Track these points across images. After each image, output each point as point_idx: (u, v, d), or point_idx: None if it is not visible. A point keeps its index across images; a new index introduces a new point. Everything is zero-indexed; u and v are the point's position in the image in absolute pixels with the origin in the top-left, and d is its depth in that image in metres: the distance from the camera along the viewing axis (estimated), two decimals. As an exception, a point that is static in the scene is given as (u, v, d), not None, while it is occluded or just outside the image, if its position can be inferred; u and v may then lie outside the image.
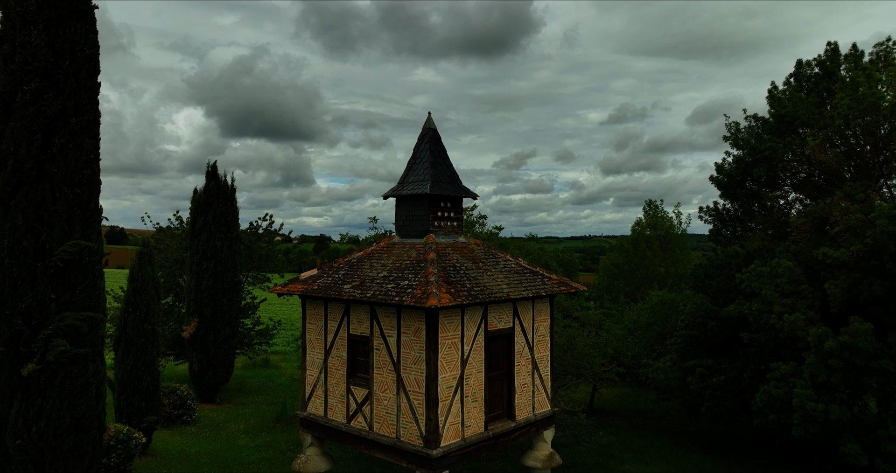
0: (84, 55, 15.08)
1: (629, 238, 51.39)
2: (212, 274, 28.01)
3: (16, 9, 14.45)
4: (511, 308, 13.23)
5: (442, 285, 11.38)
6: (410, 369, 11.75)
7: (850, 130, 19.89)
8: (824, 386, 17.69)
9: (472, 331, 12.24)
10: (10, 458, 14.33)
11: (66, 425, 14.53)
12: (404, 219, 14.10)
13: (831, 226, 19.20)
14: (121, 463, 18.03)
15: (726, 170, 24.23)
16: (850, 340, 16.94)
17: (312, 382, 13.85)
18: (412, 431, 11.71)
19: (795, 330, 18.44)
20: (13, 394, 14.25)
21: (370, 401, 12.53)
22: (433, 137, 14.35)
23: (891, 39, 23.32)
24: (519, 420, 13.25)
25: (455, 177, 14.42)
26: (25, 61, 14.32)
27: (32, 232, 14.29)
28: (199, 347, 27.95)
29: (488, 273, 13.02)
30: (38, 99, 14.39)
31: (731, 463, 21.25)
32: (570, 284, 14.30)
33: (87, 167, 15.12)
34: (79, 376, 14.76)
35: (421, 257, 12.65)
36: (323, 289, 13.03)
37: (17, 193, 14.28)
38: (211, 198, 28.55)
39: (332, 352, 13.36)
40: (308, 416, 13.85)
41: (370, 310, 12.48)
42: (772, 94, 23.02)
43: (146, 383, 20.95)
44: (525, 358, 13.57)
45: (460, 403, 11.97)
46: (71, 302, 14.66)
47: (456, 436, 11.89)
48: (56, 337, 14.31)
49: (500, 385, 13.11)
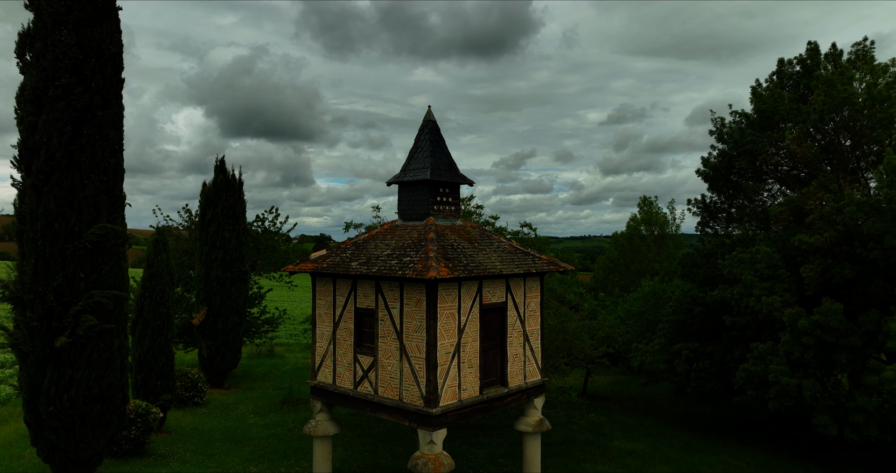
0: (109, 53, 16.24)
1: (624, 233, 52.73)
2: (220, 264, 29.19)
3: (47, 10, 15.60)
4: (504, 284, 14.44)
5: (441, 260, 12.58)
6: (412, 337, 12.95)
7: (826, 125, 21.10)
8: (798, 363, 18.90)
9: (468, 304, 13.46)
10: (43, 424, 15.53)
11: (94, 394, 15.72)
12: (406, 203, 15.33)
13: (807, 215, 20.42)
14: (140, 436, 19.22)
15: (712, 163, 25.43)
16: (822, 319, 18.16)
17: (322, 353, 15.08)
18: (414, 393, 12.92)
19: (773, 311, 19.65)
20: (46, 365, 15.43)
21: (375, 368, 13.75)
22: (433, 129, 15.59)
23: (867, 39, 24.56)
24: (511, 387, 14.47)
25: (453, 165, 15.65)
26: (56, 59, 15.46)
27: (63, 216, 15.45)
28: (209, 334, 29.13)
29: (483, 252, 14.24)
30: (68, 93, 15.53)
31: (715, 440, 22.44)
32: (559, 264, 15.53)
33: (112, 156, 16.31)
34: (105, 349, 15.95)
35: (422, 237, 13.87)
36: (332, 267, 14.25)
37: (49, 180, 15.43)
38: (220, 191, 29.71)
39: (340, 325, 14.58)
40: (318, 384, 15.08)
41: (375, 285, 13.70)
42: (754, 91, 24.25)
43: (161, 363, 22.16)
44: (517, 330, 14.79)
45: (457, 368, 13.17)
46: (98, 281, 15.83)
47: (453, 398, 13.10)
48: (85, 313, 15.48)
49: (494, 354, 14.31)
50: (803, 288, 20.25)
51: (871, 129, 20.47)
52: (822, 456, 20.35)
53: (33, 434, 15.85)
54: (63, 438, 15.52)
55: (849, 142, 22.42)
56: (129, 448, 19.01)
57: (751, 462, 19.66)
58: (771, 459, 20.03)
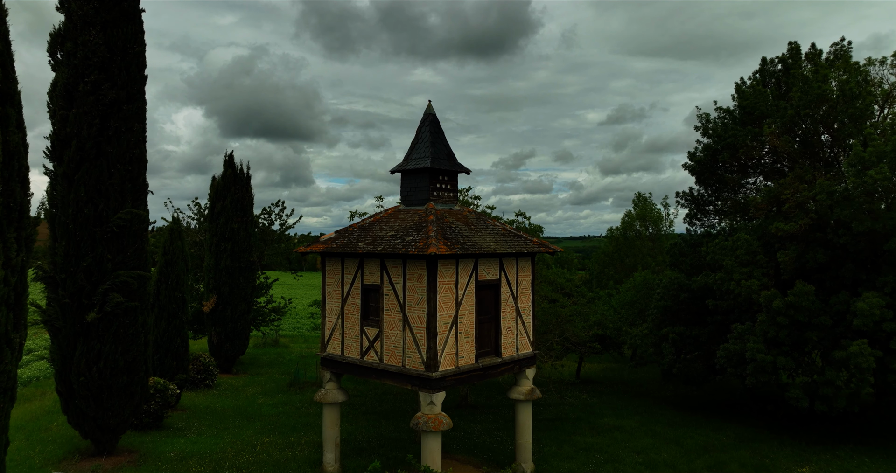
0: (134, 52, 17.54)
1: (619, 229, 54.08)
2: (229, 254, 30.50)
3: (78, 12, 16.90)
4: (498, 263, 15.73)
5: (440, 239, 13.87)
6: (414, 308, 14.24)
7: (802, 120, 22.44)
8: (773, 342, 20.21)
9: (465, 279, 14.74)
10: (74, 393, 16.84)
11: (120, 367, 17.04)
12: (408, 189, 16.64)
13: (784, 204, 21.75)
14: (158, 410, 20.54)
15: (697, 157, 26.74)
16: (795, 300, 19.50)
17: (331, 327, 16.38)
18: (416, 359, 14.22)
19: (751, 294, 20.97)
20: (77, 340, 16.76)
21: (380, 338, 15.04)
22: (433, 121, 16.89)
23: (845, 39, 25.86)
24: (504, 358, 15.76)
25: (451, 155, 16.94)
26: (86, 57, 16.75)
27: (92, 202, 16.76)
28: (218, 321, 30.45)
29: (479, 233, 15.53)
30: (97, 89, 16.83)
31: (699, 417, 23.75)
32: (549, 246, 16.83)
33: (136, 147, 17.62)
34: (130, 325, 17.27)
35: (423, 220, 15.16)
36: (340, 247, 15.55)
37: (79, 169, 16.73)
38: (228, 184, 31.01)
39: (347, 301, 15.88)
40: (327, 356, 16.38)
41: (380, 263, 14.99)
42: (738, 88, 25.57)
43: (177, 344, 23.50)
44: (510, 306, 16.08)
45: (455, 338, 14.46)
46: (123, 262, 17.15)
47: (451, 364, 14.39)
48: (112, 292, 16.80)
49: (489, 327, 15.59)
50: (780, 273, 21.57)
51: (843, 124, 21.81)
52: (797, 429, 21.68)
53: (64, 403, 17.16)
54: (92, 406, 16.85)
55: (826, 136, 23.77)
56: (149, 422, 20.30)
57: (730, 435, 20.98)
58: (749, 432, 21.35)
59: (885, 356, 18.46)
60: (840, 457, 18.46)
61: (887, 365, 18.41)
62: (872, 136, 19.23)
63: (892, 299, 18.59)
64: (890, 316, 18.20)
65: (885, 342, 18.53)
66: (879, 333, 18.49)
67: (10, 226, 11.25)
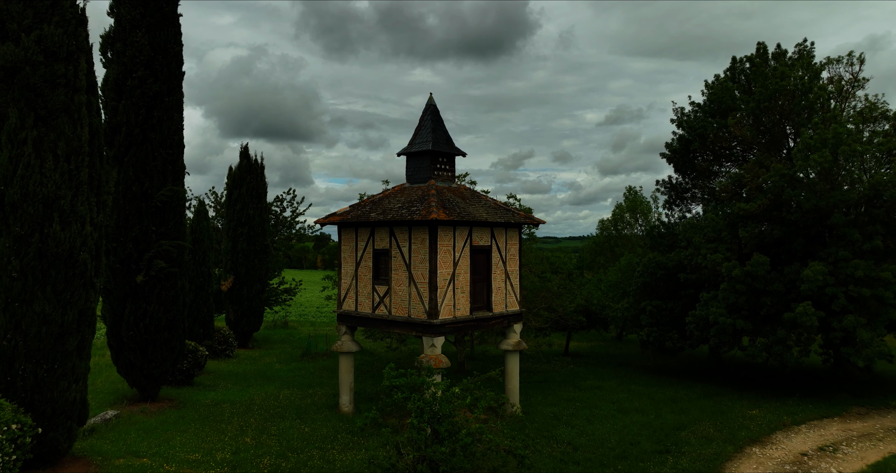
0: (173, 51, 20.17)
1: (609, 220, 56.78)
2: (245, 238, 33.16)
3: (126, 17, 19.54)
4: (489, 231, 18.37)
5: (440, 208, 16.49)
6: (418, 267, 16.86)
7: (762, 112, 25.12)
8: (734, 307, 22.89)
9: (461, 243, 17.37)
10: (123, 346, 19.48)
11: (163, 324, 19.66)
12: (412, 169, 19.28)
13: (744, 187, 24.44)
14: (190, 369, 23.16)
15: (673, 147, 29.42)
16: (752, 269, 22.16)
17: (346, 287, 19.03)
18: (419, 310, 16.85)
19: (716, 266, 23.65)
20: (126, 300, 19.38)
21: (389, 294, 17.69)
22: (434, 111, 19.51)
23: (807, 40, 28.53)
24: (495, 312, 18.40)
25: (450, 140, 19.55)
26: (134, 56, 19.39)
27: (139, 181, 19.40)
28: (235, 299, 33.10)
29: (473, 206, 18.16)
30: (143, 83, 19.47)
31: (673, 380, 26.39)
32: (534, 219, 19.49)
33: (176, 134, 20.25)
34: (171, 288, 19.90)
35: (425, 194, 17.80)
36: (354, 218, 18.18)
37: (128, 152, 19.37)
38: (244, 174, 33.67)
39: (361, 264, 18.52)
40: (343, 312, 19.05)
41: (389, 230, 17.64)
42: (707, 84, 28.25)
43: (203, 314, 26.14)
44: (500, 269, 18.71)
45: (452, 292, 17.08)
46: (165, 233, 19.78)
47: (449, 314, 17.02)
48: (156, 259, 19.46)
49: (482, 286, 18.20)
50: (742, 248, 24.26)
51: (797, 115, 24.50)
52: (754, 386, 24.34)
53: (115, 355, 19.79)
54: (139, 357, 19.48)
55: (788, 128, 26.47)
56: (182, 379, 22.92)
57: (697, 392, 23.61)
58: (713, 389, 24.00)
59: (827, 316, 21.10)
60: (788, 404, 21.13)
61: (829, 324, 21.07)
62: (818, 126, 21.92)
63: (835, 267, 21.25)
64: (832, 281, 20.88)
65: (827, 304, 21.19)
66: (823, 297, 21.15)
67: (93, 193, 13.93)
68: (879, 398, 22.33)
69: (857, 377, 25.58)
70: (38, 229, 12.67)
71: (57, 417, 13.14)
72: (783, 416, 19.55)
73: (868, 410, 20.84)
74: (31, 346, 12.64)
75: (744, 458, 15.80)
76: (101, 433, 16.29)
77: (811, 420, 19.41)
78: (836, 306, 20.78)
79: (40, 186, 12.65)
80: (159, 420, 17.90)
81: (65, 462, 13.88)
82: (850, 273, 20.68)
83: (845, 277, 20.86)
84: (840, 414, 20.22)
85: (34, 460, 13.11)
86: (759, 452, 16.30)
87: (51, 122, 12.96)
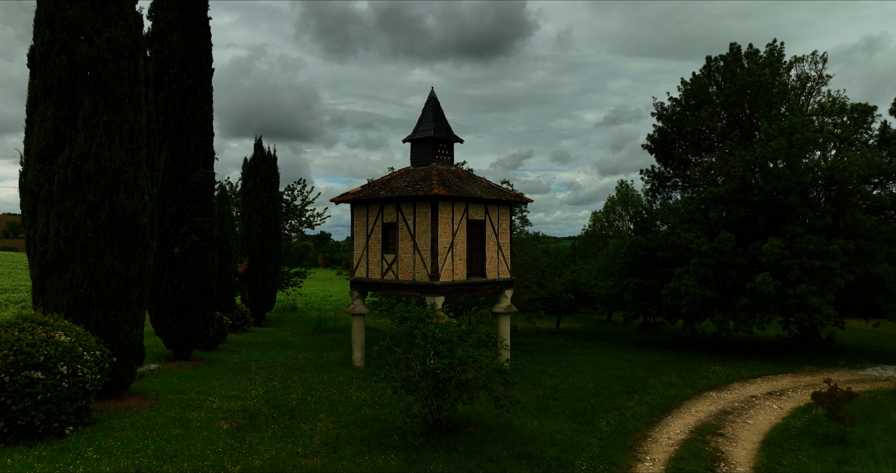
0: (204, 50, 22.80)
1: (602, 212, 59.51)
2: (259, 224, 35.77)
3: (163, 19, 22.17)
4: (483, 207, 21.02)
5: (441, 185, 19.14)
6: (421, 237, 19.51)
7: (731, 105, 27.79)
8: (703, 279, 25.55)
9: (459, 217, 20.02)
10: (161, 309, 22.10)
11: (196, 291, 22.27)
12: (416, 154, 21.95)
13: (715, 172, 27.12)
14: (216, 336, 25.78)
15: (654, 138, 32.10)
16: (718, 245, 24.82)
17: (358, 257, 21.70)
18: (422, 273, 19.49)
19: (688, 243, 26.32)
20: (164, 269, 22.00)
21: (396, 261, 20.34)
22: (435, 102, 22.15)
23: (777, 40, 31.20)
24: (488, 278, 21.06)
25: (449, 129, 22.18)
26: (170, 54, 22.01)
27: (175, 164, 21.99)
28: (250, 281, 35.73)
29: (469, 185, 20.81)
30: (178, 79, 22.09)
31: (651, 350, 29.08)
32: (523, 197, 22.13)
33: (206, 123, 22.88)
34: (203, 260, 22.51)
35: (427, 174, 20.45)
36: (366, 196, 20.86)
37: (165, 140, 21.98)
38: (258, 164, 36.28)
39: (371, 236, 21.19)
40: (356, 279, 21.73)
41: (396, 205, 20.30)
42: (682, 81, 30.92)
43: (225, 289, 28.76)
44: (493, 241, 21.36)
45: (451, 259, 19.72)
46: (197, 211, 22.38)
47: (448, 278, 19.66)
48: (190, 233, 22.09)
49: (477, 255, 20.84)
50: (712, 227, 26.95)
51: (763, 107, 27.18)
52: (723, 352, 27.04)
53: (153, 318, 22.40)
54: (175, 320, 22.10)
55: (756, 119, 29.12)
56: (209, 344, 25.51)
57: (671, 357, 26.24)
58: (686, 354, 26.66)
59: (784, 286, 23.76)
60: (749, 364, 23.80)
61: (785, 292, 23.73)
62: (777, 117, 24.59)
63: (791, 242, 23.92)
64: (788, 255, 23.54)
65: (784, 275, 23.85)
66: (780, 269, 23.81)
67: (149, 169, 16.57)
68: (831, 359, 25.03)
69: (820, 347, 28.29)
70: (107, 197, 15.30)
71: (122, 355, 15.75)
72: (742, 371, 22.23)
73: (819, 368, 23.53)
74: (102, 294, 15.25)
75: (701, 399, 18.45)
76: (148, 378, 18.94)
77: (767, 375, 22.08)
78: (791, 276, 23.44)
79: (109, 162, 15.27)
80: (196, 371, 20.54)
81: (125, 396, 16.51)
82: (803, 247, 23.34)
83: (799, 251, 23.53)
84: (793, 371, 22.90)
85: (102, 391, 15.73)
86: (714, 395, 18.96)
87: (117, 109, 15.61)
